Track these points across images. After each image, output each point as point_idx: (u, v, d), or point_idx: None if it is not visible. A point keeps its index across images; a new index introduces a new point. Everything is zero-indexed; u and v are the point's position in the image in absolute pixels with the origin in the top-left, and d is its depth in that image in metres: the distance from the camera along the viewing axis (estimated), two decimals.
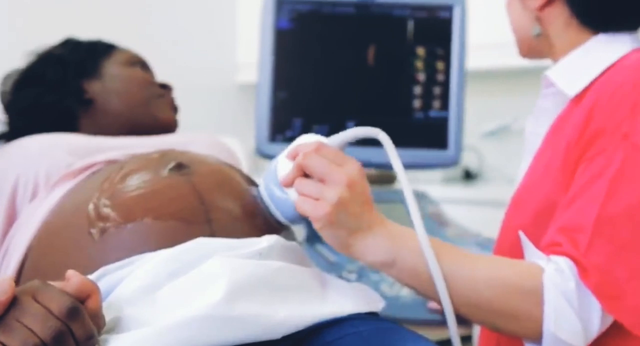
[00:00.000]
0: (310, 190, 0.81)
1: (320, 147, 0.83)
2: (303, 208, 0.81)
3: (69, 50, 1.22)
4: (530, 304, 0.81)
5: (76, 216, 0.82)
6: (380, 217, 0.83)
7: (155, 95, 1.22)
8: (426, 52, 1.51)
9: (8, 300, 0.61)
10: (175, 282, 0.70)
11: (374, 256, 0.81)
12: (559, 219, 0.89)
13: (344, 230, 0.80)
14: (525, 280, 0.82)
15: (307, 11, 1.52)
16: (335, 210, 0.79)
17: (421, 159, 1.52)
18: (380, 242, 0.81)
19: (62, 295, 0.62)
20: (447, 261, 0.82)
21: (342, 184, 0.80)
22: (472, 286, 0.81)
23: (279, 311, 0.70)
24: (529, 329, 0.82)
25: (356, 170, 0.83)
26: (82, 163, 0.95)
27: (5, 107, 1.22)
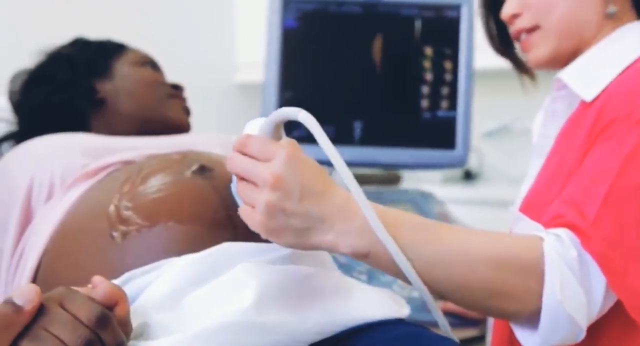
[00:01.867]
0: (245, 196, 0.72)
1: (246, 142, 0.72)
2: (243, 217, 0.72)
3: (79, 50, 1.20)
4: (529, 278, 0.74)
5: (95, 218, 0.80)
6: (337, 205, 0.70)
7: (166, 96, 1.21)
8: (434, 51, 1.50)
9: (35, 308, 0.59)
10: (203, 288, 0.69)
11: (344, 248, 0.71)
12: (564, 193, 0.85)
13: (290, 233, 0.70)
14: (522, 252, 0.75)
15: (313, 10, 1.51)
16: (266, 217, 0.69)
17: (429, 159, 1.51)
18: (343, 235, 0.70)
19: (91, 302, 0.60)
20: (428, 244, 0.72)
21: (267, 185, 0.69)
22: (461, 266, 0.73)
23: (307, 318, 0.69)
24: (525, 306, 0.75)
25: (282, 164, 0.69)
26: (97, 164, 0.93)
27: (15, 106, 1.20)
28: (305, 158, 0.72)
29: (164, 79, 1.26)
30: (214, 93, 2.77)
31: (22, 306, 0.59)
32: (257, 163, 0.70)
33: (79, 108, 1.15)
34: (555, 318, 0.74)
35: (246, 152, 0.71)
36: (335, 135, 1.50)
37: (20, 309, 0.58)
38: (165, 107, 1.20)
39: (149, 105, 1.18)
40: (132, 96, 1.17)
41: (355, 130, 1.51)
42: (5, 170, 0.99)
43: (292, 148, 0.71)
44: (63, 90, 1.16)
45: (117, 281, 0.70)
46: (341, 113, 1.51)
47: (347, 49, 1.51)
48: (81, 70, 1.17)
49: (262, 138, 0.72)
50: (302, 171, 0.70)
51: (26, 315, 0.59)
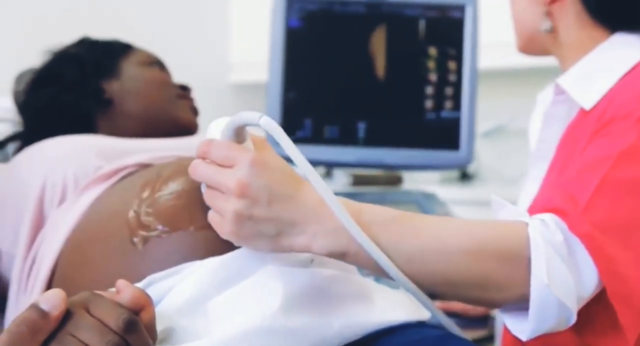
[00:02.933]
0: (212, 204, 0.70)
1: (208, 149, 0.70)
2: (213, 225, 0.70)
3: (86, 50, 1.18)
4: (513, 265, 0.72)
5: (113, 223, 0.79)
6: (308, 207, 0.68)
7: (174, 96, 1.19)
8: (438, 52, 1.50)
9: (62, 313, 0.57)
10: (227, 292, 0.67)
11: (318, 250, 0.69)
12: (557, 182, 0.84)
13: (262, 239, 0.68)
14: (505, 238, 0.73)
15: (317, 10, 1.50)
16: (235, 226, 0.67)
17: (432, 160, 1.51)
18: (317, 236, 0.68)
19: (118, 307, 0.59)
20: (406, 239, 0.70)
21: (233, 193, 0.67)
22: (441, 259, 0.70)
23: (333, 322, 0.68)
24: (512, 294, 0.73)
25: (246, 170, 0.66)
26: (112, 166, 0.91)
27: (20, 107, 1.18)
28: (271, 160, 0.68)
29: (172, 80, 1.25)
30: (207, 93, 2.74)
31: (49, 312, 0.57)
32: (220, 170, 0.68)
33: (86, 109, 1.14)
34: (544, 304, 0.71)
35: (209, 159, 0.69)
36: (339, 136, 1.50)
37: (47, 314, 0.57)
38: (173, 108, 1.18)
39: (157, 106, 1.17)
40: (140, 96, 1.16)
41: (359, 130, 1.50)
42: (17, 172, 0.97)
43: (257, 152, 0.68)
44: (70, 90, 1.14)
45: (139, 286, 0.69)
46: (345, 113, 1.51)
47: (351, 49, 1.50)
48: (89, 70, 1.15)
49: (224, 143, 0.69)
50: (268, 175, 0.67)
51: (53, 321, 0.57)
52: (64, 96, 1.13)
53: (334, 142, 1.50)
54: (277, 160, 0.69)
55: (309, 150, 1.48)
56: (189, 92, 1.25)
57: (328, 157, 1.50)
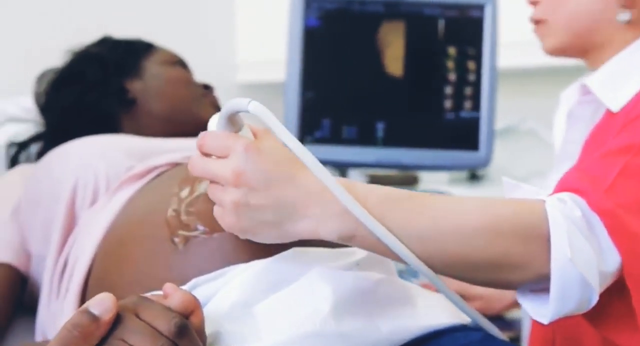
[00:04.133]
0: (214, 198, 0.68)
1: (203, 142, 0.68)
2: (217, 219, 0.68)
3: (108, 49, 1.17)
4: (532, 243, 0.68)
5: (151, 223, 0.77)
6: (310, 190, 0.65)
7: (197, 96, 1.18)
8: (457, 51, 1.49)
9: (113, 318, 0.56)
10: (275, 296, 0.66)
11: (326, 234, 0.66)
12: (575, 167, 0.81)
13: (265, 229, 0.66)
14: (522, 216, 0.68)
15: (335, 9, 1.49)
16: (236, 217, 0.65)
17: (452, 160, 1.50)
18: (323, 220, 0.65)
19: (168, 311, 0.58)
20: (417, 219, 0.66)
21: (230, 183, 0.65)
22: (455, 240, 0.67)
23: (382, 326, 0.66)
24: (530, 273, 0.69)
25: (240, 157, 0.64)
26: (143, 166, 0.90)
27: (42, 107, 1.17)
28: (267, 146, 0.66)
29: (194, 79, 1.24)
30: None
31: (100, 316, 0.56)
32: (215, 162, 0.67)
33: (109, 109, 1.12)
34: (567, 280, 0.67)
35: (204, 151, 0.68)
36: (357, 136, 1.49)
37: (98, 319, 0.56)
38: (197, 108, 1.17)
39: (180, 106, 1.15)
40: (164, 96, 1.15)
41: (377, 130, 1.49)
42: (47, 173, 0.95)
43: (252, 139, 0.67)
44: (93, 90, 1.13)
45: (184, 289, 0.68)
46: (364, 113, 1.49)
47: (370, 48, 1.49)
48: (111, 69, 1.14)
49: (217, 134, 0.68)
50: (263, 160, 0.65)
51: (104, 326, 0.56)
52: (87, 96, 1.12)
53: (352, 142, 1.49)
54: (274, 144, 0.67)
55: (327, 150, 1.47)
56: (211, 91, 1.24)
57: (346, 158, 1.48)
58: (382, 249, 0.66)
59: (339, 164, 1.51)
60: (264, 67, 2.77)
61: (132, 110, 1.14)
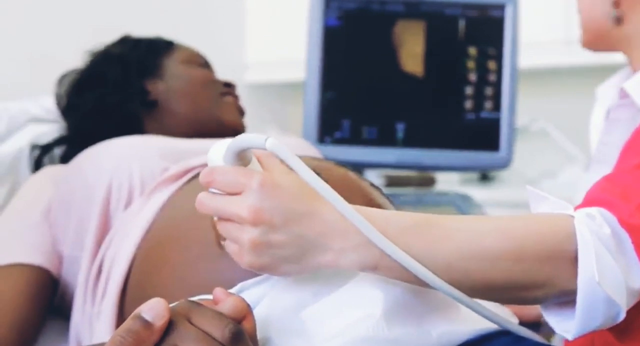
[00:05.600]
0: (227, 235, 0.65)
1: (212, 178, 0.65)
2: (231, 255, 0.65)
3: (128, 49, 1.16)
4: (558, 262, 0.66)
5: (194, 225, 0.75)
6: (329, 222, 0.63)
7: (218, 95, 1.17)
8: (478, 51, 1.48)
9: (166, 324, 0.55)
10: (324, 300, 0.65)
11: (348, 266, 0.64)
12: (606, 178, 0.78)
13: (285, 264, 0.64)
14: (548, 234, 0.67)
15: (355, 9, 1.48)
16: (255, 256, 0.63)
17: (472, 161, 1.49)
18: (344, 252, 0.63)
19: (222, 317, 0.56)
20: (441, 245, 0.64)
21: (247, 221, 0.62)
22: (479, 263, 0.65)
23: (431, 331, 0.65)
24: (554, 291, 0.67)
25: (256, 194, 0.62)
26: (179, 168, 0.88)
27: (64, 110, 1.16)
28: (282, 179, 0.64)
29: (215, 76, 1.23)
30: None
31: (153, 322, 0.55)
32: (229, 199, 0.64)
33: (132, 111, 1.11)
34: (593, 301, 0.65)
35: (215, 188, 0.65)
36: (377, 137, 1.48)
37: (151, 325, 0.55)
38: (219, 108, 1.16)
39: (203, 106, 1.14)
40: (186, 96, 1.14)
41: (398, 131, 1.48)
42: (81, 174, 0.94)
43: (265, 173, 0.64)
44: (115, 92, 1.11)
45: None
46: (384, 114, 1.48)
47: (390, 48, 1.48)
48: (132, 70, 1.13)
49: (226, 169, 0.64)
50: (280, 195, 0.62)
51: (157, 332, 0.55)
52: (109, 98, 1.11)
53: (372, 142, 1.48)
54: (289, 177, 0.64)
55: (347, 151, 1.47)
56: (233, 89, 1.23)
57: (366, 158, 1.48)
58: (406, 277, 0.64)
59: (358, 165, 1.50)
60: (273, 67, 2.76)
61: (154, 111, 1.13)
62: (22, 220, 0.95)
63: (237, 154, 0.64)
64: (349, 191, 0.68)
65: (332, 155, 1.35)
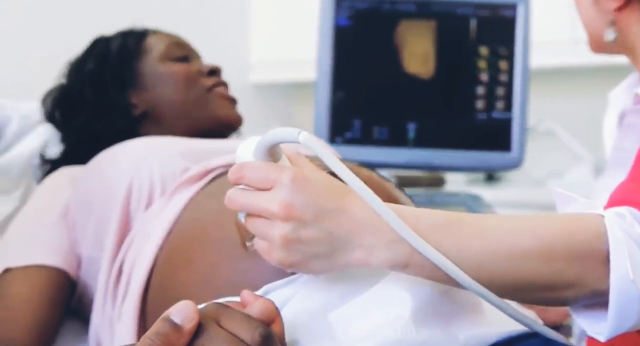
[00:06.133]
0: (257, 232, 0.65)
1: (242, 173, 0.64)
2: (261, 253, 0.65)
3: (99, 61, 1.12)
4: (588, 262, 0.65)
5: (219, 227, 0.75)
6: (360, 219, 0.63)
7: (205, 90, 1.13)
8: (489, 51, 1.47)
9: (195, 327, 0.54)
10: (352, 302, 0.64)
11: (378, 264, 0.63)
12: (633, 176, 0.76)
13: (316, 261, 0.63)
14: (578, 234, 0.66)
15: (366, 9, 1.48)
16: (285, 252, 0.62)
17: (483, 161, 1.49)
18: (375, 249, 0.63)
19: (251, 320, 0.56)
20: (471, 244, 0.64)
21: (278, 217, 0.62)
22: (508, 262, 0.64)
23: (458, 334, 0.65)
24: (584, 291, 0.66)
25: (288, 189, 0.61)
26: (200, 168, 0.87)
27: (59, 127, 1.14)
28: (312, 175, 0.63)
29: (197, 64, 1.17)
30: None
31: (182, 325, 0.54)
32: (259, 195, 0.63)
33: (124, 127, 1.09)
34: (627, 300, 0.64)
35: (245, 184, 0.64)
36: (388, 137, 1.47)
37: (180, 328, 0.54)
38: (210, 104, 1.12)
39: (192, 106, 1.11)
40: (173, 101, 1.10)
41: (409, 131, 1.47)
42: (100, 174, 0.93)
43: (296, 168, 0.63)
44: (101, 115, 1.09)
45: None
46: (395, 114, 1.48)
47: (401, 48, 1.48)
48: (110, 86, 1.10)
49: (258, 164, 0.64)
50: (311, 191, 0.62)
51: (187, 335, 0.54)
52: (96, 123, 1.09)
53: (383, 143, 1.47)
54: (319, 173, 0.64)
55: (358, 151, 1.46)
56: (219, 75, 1.17)
57: (377, 159, 1.47)
58: (437, 275, 0.64)
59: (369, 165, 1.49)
60: (278, 67, 2.76)
61: (147, 123, 1.11)
62: (40, 221, 0.95)
63: (268, 150, 0.63)
64: (376, 191, 0.67)
65: (343, 155, 1.33)
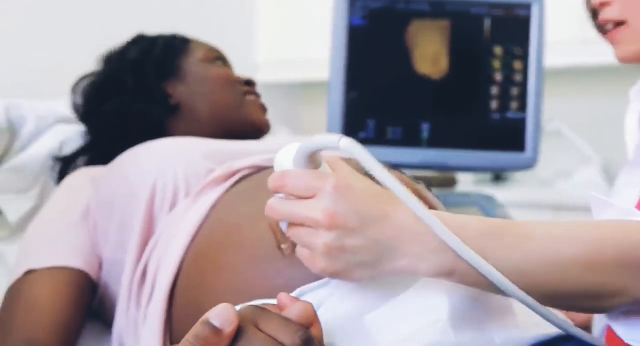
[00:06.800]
0: (299, 241, 0.64)
1: (283, 182, 0.64)
2: (303, 261, 0.64)
3: (145, 51, 1.13)
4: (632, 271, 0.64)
5: (252, 229, 0.73)
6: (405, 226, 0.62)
7: (241, 94, 1.14)
8: (503, 51, 1.47)
9: (235, 330, 0.53)
10: (386, 306, 0.63)
11: (424, 272, 0.63)
12: None
13: (360, 270, 0.62)
14: (622, 241, 0.65)
15: (380, 8, 1.47)
16: (329, 261, 0.61)
17: (498, 162, 1.48)
18: (420, 257, 0.62)
19: (291, 324, 0.55)
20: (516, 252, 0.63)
21: (322, 226, 0.61)
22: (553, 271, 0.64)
23: (494, 336, 0.64)
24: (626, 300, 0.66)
25: (331, 197, 0.61)
26: (225, 169, 0.86)
27: (84, 117, 1.13)
28: (355, 182, 0.62)
29: (235, 74, 1.20)
30: None
31: (222, 328, 0.53)
32: (302, 203, 0.62)
33: (155, 116, 1.09)
34: None
35: (287, 192, 0.64)
36: (402, 137, 1.46)
37: (220, 331, 0.53)
38: (242, 108, 1.13)
39: (226, 106, 1.12)
40: (208, 98, 1.11)
41: (423, 132, 1.46)
42: (122, 175, 0.92)
43: (338, 176, 0.62)
44: (136, 100, 1.09)
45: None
46: (409, 114, 1.47)
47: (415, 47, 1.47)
48: (151, 74, 1.10)
49: (300, 172, 0.63)
50: (355, 198, 0.61)
51: (227, 339, 0.53)
52: (131, 106, 1.08)
53: (397, 143, 1.46)
54: (361, 180, 0.63)
55: (371, 151, 1.43)
56: (254, 87, 1.20)
57: (391, 159, 1.45)
58: (481, 283, 0.63)
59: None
60: (284, 67, 2.75)
61: (178, 115, 1.11)
62: (61, 222, 0.94)
63: (309, 157, 0.62)
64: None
65: None
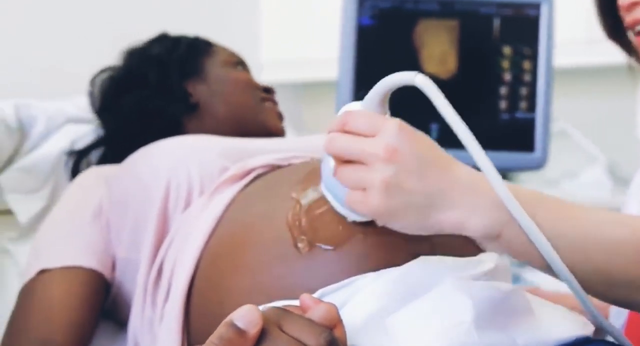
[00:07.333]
0: (352, 180, 0.62)
1: (348, 119, 0.63)
2: (353, 205, 0.62)
3: (169, 49, 1.13)
4: None
5: (270, 228, 0.73)
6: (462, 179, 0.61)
7: (260, 99, 1.15)
8: (512, 51, 1.46)
9: (259, 332, 0.53)
10: (410, 306, 0.63)
11: (473, 228, 0.61)
12: None
13: (411, 213, 0.60)
14: None
15: (389, 8, 1.46)
16: (385, 197, 0.59)
17: (507, 162, 1.47)
18: (472, 212, 0.60)
19: (315, 325, 0.54)
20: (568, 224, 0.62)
21: (381, 160, 0.60)
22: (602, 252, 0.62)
23: (517, 338, 0.64)
24: None
25: (394, 135, 0.60)
26: (240, 168, 0.85)
27: (100, 110, 1.13)
28: (419, 132, 0.63)
29: (254, 80, 1.20)
30: None
31: (246, 330, 0.53)
32: (363, 139, 0.61)
33: (174, 113, 1.09)
34: None
35: (349, 130, 0.62)
36: None
37: (244, 333, 0.53)
38: (260, 112, 1.14)
39: (244, 110, 1.12)
40: (228, 100, 1.12)
41: (432, 132, 1.46)
42: (135, 174, 0.92)
43: (398, 121, 0.62)
44: (157, 95, 1.09)
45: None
46: (417, 114, 1.46)
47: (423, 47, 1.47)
48: (174, 71, 1.11)
49: (364, 112, 0.64)
50: (418, 142, 0.62)
51: (251, 340, 0.53)
52: (151, 101, 1.09)
53: None
54: (425, 135, 0.64)
55: None
56: (273, 94, 1.20)
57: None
58: (525, 251, 0.62)
59: None
60: (289, 66, 2.74)
61: (195, 115, 1.11)
62: (73, 220, 0.93)
63: (381, 101, 0.64)
64: None
65: None
